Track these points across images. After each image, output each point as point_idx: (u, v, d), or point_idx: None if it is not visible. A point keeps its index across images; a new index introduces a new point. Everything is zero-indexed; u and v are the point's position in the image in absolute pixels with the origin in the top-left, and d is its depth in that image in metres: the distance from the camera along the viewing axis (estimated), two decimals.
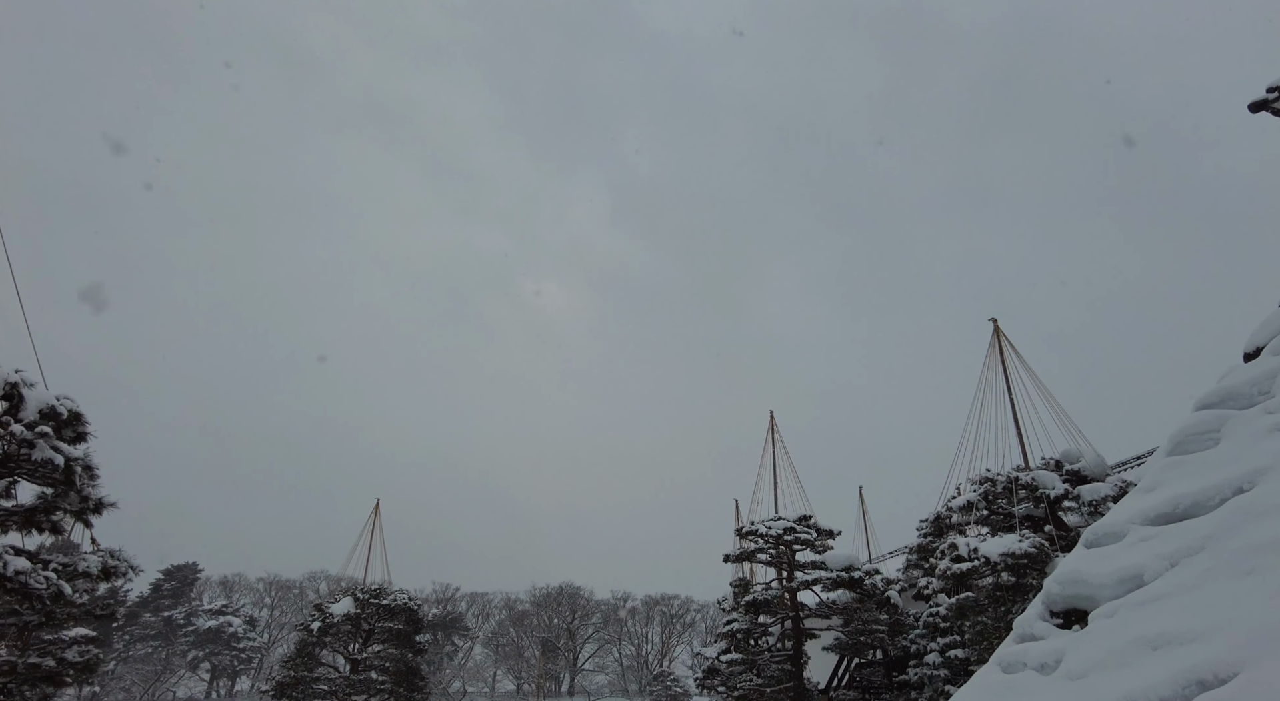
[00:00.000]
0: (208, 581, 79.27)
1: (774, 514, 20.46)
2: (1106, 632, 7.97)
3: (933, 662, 18.12)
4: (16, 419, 6.15)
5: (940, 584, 13.50)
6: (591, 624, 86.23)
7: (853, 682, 23.66)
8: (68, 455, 6.44)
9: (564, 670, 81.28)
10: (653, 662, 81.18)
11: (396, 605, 25.46)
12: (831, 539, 19.94)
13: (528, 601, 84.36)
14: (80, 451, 6.67)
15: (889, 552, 27.40)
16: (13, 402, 6.26)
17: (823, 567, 18.55)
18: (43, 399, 6.54)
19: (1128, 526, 8.72)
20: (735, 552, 19.98)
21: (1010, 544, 12.08)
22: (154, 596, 74.70)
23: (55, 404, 6.58)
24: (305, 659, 24.44)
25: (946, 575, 12.64)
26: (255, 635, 72.82)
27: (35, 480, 6.83)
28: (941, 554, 13.45)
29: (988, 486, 13.98)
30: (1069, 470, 13.64)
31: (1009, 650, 9.44)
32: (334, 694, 23.72)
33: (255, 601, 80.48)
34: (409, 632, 25.76)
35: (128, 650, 68.94)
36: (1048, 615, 9.41)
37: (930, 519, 16.46)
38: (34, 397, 6.50)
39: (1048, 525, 13.35)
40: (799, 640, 19.11)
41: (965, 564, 12.46)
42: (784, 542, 19.24)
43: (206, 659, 70.60)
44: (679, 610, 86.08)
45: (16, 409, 6.29)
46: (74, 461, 6.47)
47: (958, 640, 17.95)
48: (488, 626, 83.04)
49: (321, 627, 24.34)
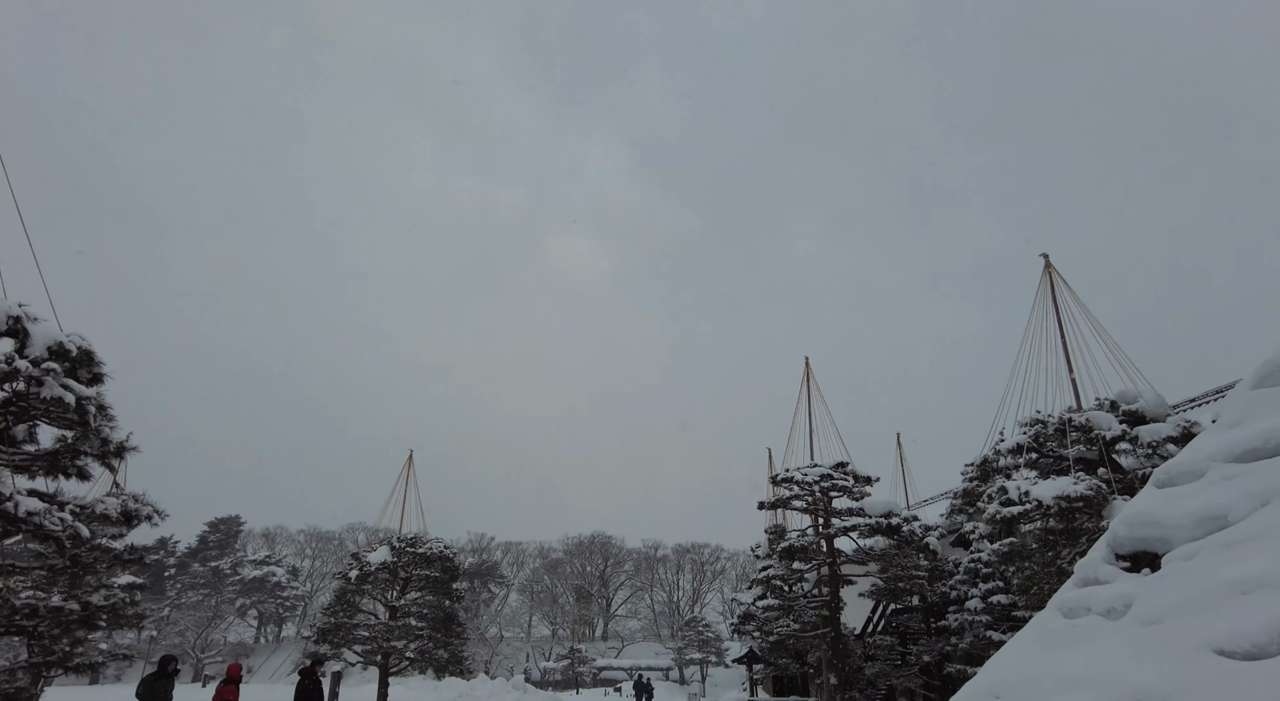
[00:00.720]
0: (250, 533, 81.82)
1: (810, 461, 20.09)
2: (1184, 576, 7.48)
3: (974, 608, 17.80)
4: (22, 355, 5.88)
5: (987, 528, 13.03)
6: (624, 571, 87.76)
7: (889, 628, 23.55)
8: (79, 393, 6.16)
9: (597, 616, 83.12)
10: (684, 609, 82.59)
11: (432, 553, 25.69)
12: (869, 485, 19.55)
13: (561, 550, 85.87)
14: (93, 392, 6.41)
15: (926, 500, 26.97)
16: (17, 338, 6.00)
17: (861, 514, 18.20)
18: (50, 335, 6.26)
19: (1207, 464, 8.13)
20: (770, 500, 19.69)
21: (1064, 486, 11.54)
22: (201, 547, 77.41)
23: (64, 340, 6.30)
24: (345, 606, 24.86)
25: (995, 519, 12.16)
26: (298, 584, 75.33)
27: (55, 423, 6.61)
28: (989, 498, 12.97)
29: (1038, 428, 13.36)
30: (1125, 410, 12.97)
31: (1071, 594, 9.00)
32: (373, 639, 24.16)
33: (297, 552, 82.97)
34: (445, 580, 26.05)
35: (180, 598, 71.78)
36: (1113, 558, 8.92)
37: (976, 462, 15.90)
38: (40, 333, 6.22)
39: (1102, 468, 12.75)
40: (835, 586, 18.89)
41: (1015, 507, 11.96)
42: (820, 489, 18.88)
43: (253, 606, 73.31)
44: (710, 558, 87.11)
45: (22, 345, 6.02)
46: (86, 400, 6.21)
47: (1000, 586, 17.58)
48: (522, 574, 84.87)
49: (359, 576, 24.68)
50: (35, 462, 6.69)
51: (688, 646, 62.13)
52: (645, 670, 62.28)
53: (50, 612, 8.02)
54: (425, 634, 24.98)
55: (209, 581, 72.37)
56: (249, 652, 70.27)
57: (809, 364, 20.82)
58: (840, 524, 18.65)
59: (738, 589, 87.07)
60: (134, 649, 70.35)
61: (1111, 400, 13.43)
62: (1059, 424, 13.11)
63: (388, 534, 27.57)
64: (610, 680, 59.93)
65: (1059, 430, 13.06)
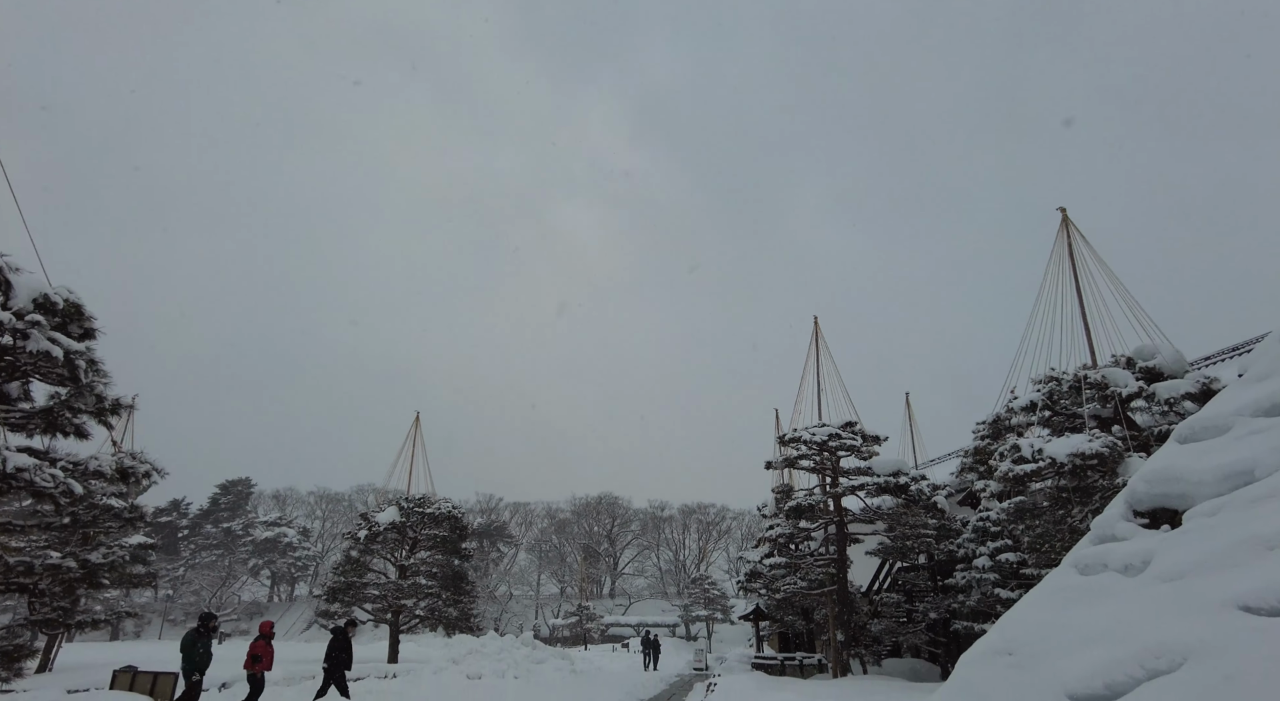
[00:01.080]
0: (261, 495, 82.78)
1: (818, 420, 19.94)
2: (1207, 532, 7.32)
3: (982, 566, 17.79)
4: (5, 307, 5.65)
5: (998, 486, 12.90)
6: (630, 531, 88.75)
7: (895, 586, 23.67)
8: (67, 347, 5.95)
9: (605, 574, 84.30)
10: (690, 567, 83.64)
11: (440, 513, 25.85)
12: (878, 444, 19.42)
13: (568, 510, 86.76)
14: (83, 346, 6.19)
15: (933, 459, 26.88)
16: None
17: (869, 473, 18.11)
18: (34, 286, 6.01)
19: (1233, 419, 7.90)
20: (777, 460, 19.61)
21: (1079, 443, 11.36)
22: (213, 509, 78.46)
23: (50, 293, 6.05)
24: (354, 566, 25.13)
25: (1007, 477, 12.01)
26: (309, 544, 76.43)
27: (47, 379, 6.43)
28: (1001, 456, 12.80)
29: (1052, 386, 13.12)
30: (1142, 367, 12.70)
31: (1086, 551, 8.87)
32: (384, 597, 24.45)
33: (307, 513, 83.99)
34: (454, 539, 26.26)
35: (194, 558, 72.97)
36: (1131, 515, 8.77)
37: (988, 420, 15.72)
38: (24, 284, 5.97)
39: (1116, 426, 12.54)
40: (843, 545, 18.91)
41: (1028, 465, 11.80)
42: (828, 448, 18.77)
43: (265, 566, 74.55)
44: (715, 518, 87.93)
45: (5, 295, 5.77)
46: (75, 354, 5.99)
47: (1009, 544, 17.53)
48: (530, 534, 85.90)
49: (368, 536, 24.88)
50: (32, 420, 6.53)
51: (694, 603, 63.02)
52: (652, 627, 63.30)
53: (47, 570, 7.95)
54: (435, 592, 25.27)
55: (222, 542, 73.51)
56: (263, 610, 71.64)
57: (818, 323, 20.56)
58: (848, 483, 18.57)
59: (743, 548, 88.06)
60: (151, 607, 71.81)
61: (1128, 357, 13.16)
62: (1074, 381, 12.87)
63: (396, 495, 27.69)
64: (617, 636, 60.97)
65: (1073, 387, 12.82)
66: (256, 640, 12.43)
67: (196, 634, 11.39)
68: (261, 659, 12.15)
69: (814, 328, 20.67)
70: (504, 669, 22.17)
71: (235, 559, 70.62)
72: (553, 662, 24.57)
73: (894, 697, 11.18)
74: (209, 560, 69.62)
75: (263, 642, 12.38)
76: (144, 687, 10.44)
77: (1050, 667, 8.00)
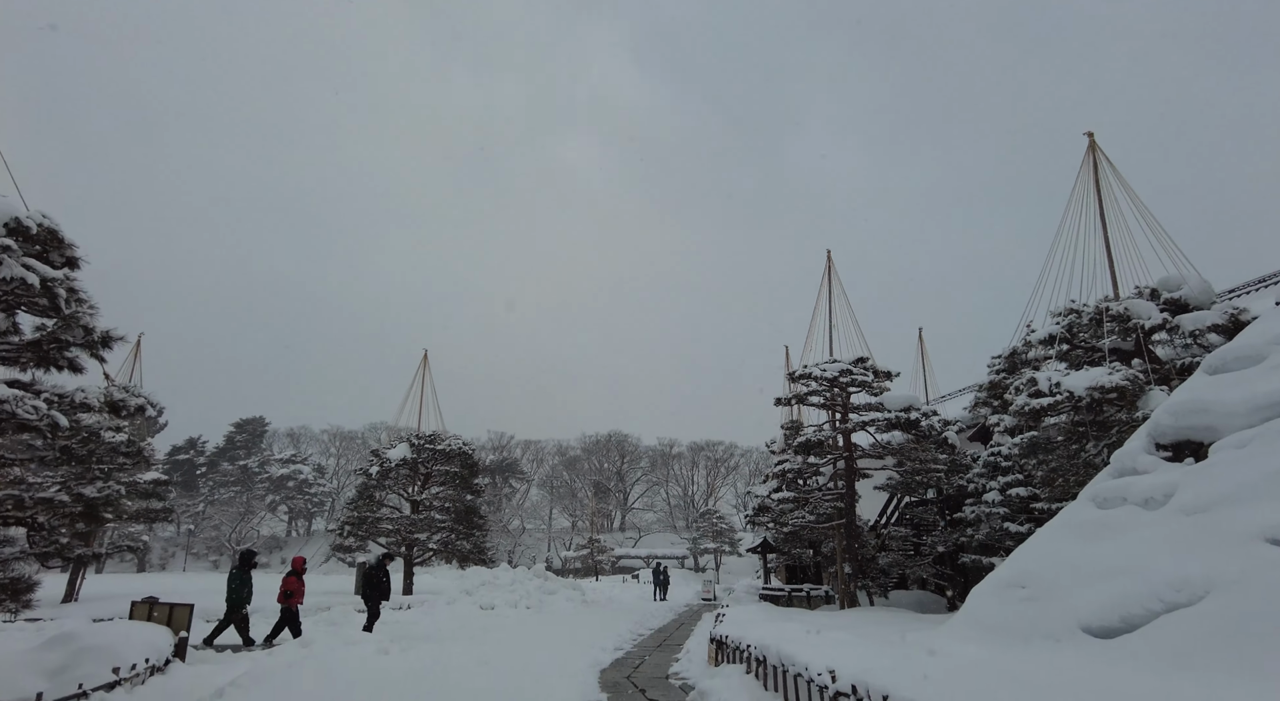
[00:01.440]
0: (275, 433, 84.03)
1: (829, 356, 19.68)
2: (1236, 464, 7.11)
3: (991, 501, 17.78)
4: None
5: (1012, 421, 12.70)
6: (640, 468, 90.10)
7: (902, 520, 23.85)
8: (43, 274, 5.70)
9: (615, 509, 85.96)
10: (699, 502, 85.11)
11: (451, 449, 26.05)
12: (889, 380, 19.20)
13: (578, 448, 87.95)
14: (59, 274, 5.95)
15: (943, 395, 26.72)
16: None
17: (880, 409, 17.95)
18: (5, 210, 5.73)
19: (1270, 348, 7.59)
20: (787, 396, 19.47)
21: (1098, 376, 11.06)
22: (229, 447, 79.83)
23: (22, 217, 5.78)
24: (367, 501, 25.49)
25: (1022, 411, 11.78)
26: (325, 481, 77.95)
27: (32, 311, 6.22)
28: (1016, 390, 12.55)
29: (1072, 318, 12.75)
30: (1167, 299, 12.29)
31: (1105, 485, 8.70)
32: (397, 531, 24.87)
33: (321, 451, 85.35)
34: (465, 475, 26.54)
35: (212, 495, 74.60)
36: (1153, 448, 8.55)
37: (1004, 354, 15.40)
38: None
39: (1137, 359, 12.24)
40: (851, 480, 18.91)
41: (1044, 399, 11.54)
42: (839, 384, 18.57)
43: (283, 502, 76.26)
44: (724, 455, 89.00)
45: None
46: (52, 282, 5.76)
47: (1020, 479, 17.48)
48: (542, 470, 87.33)
49: (380, 472, 25.15)
50: (23, 355, 6.36)
51: (702, 536, 64.34)
52: (661, 559, 64.79)
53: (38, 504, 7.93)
54: (448, 526, 25.68)
55: (239, 479, 75.04)
56: (282, 545, 73.61)
57: (830, 257, 20.09)
58: (858, 419, 18.44)
59: (751, 484, 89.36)
60: (175, 541, 73.76)
61: (1152, 288, 12.74)
62: (1094, 313, 12.49)
63: (408, 432, 27.85)
64: (628, 568, 62.48)
65: (1094, 320, 12.46)
66: (289, 575, 12.78)
67: (240, 570, 12.11)
68: (294, 594, 12.51)
69: (827, 262, 20.22)
70: (516, 599, 22.66)
71: (253, 495, 72.21)
72: (564, 593, 25.10)
73: (902, 627, 11.25)
74: (227, 497, 71.21)
75: (294, 578, 12.72)
76: (161, 618, 10.61)
77: (1064, 601, 7.93)
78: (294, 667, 8.58)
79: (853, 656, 6.33)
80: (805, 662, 6.41)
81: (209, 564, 68.52)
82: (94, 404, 6.57)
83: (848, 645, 7.17)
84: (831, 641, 7.46)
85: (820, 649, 6.77)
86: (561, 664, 10.10)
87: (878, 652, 6.81)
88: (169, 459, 77.69)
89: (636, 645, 13.54)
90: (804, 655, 6.63)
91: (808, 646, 6.95)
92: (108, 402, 7.04)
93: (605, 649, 12.12)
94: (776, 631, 8.42)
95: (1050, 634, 7.53)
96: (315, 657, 9.40)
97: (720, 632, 9.47)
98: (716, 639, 9.53)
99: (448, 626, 16.31)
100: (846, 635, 8.44)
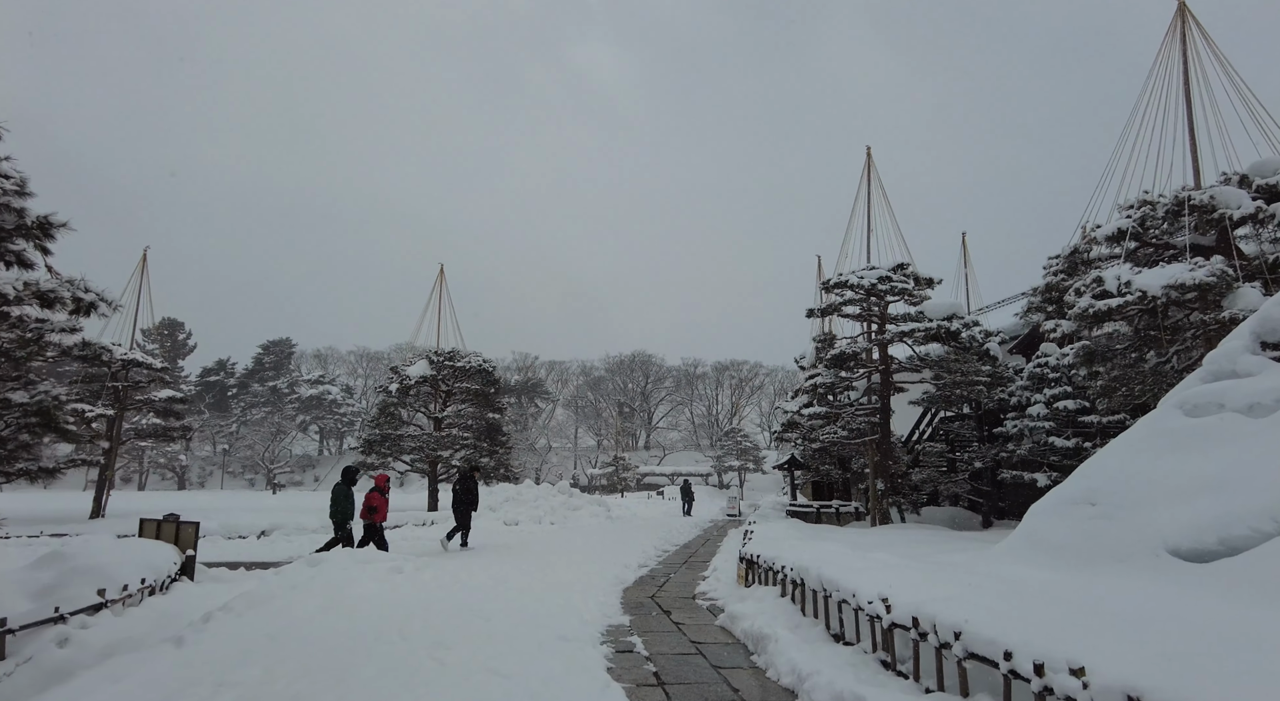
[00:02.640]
0: (303, 355, 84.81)
1: (866, 263, 18.45)
2: None
3: (1036, 414, 16.83)
4: None
5: (1072, 326, 11.56)
6: (664, 388, 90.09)
7: (935, 435, 23.06)
8: None
9: (640, 428, 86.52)
10: (723, 421, 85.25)
11: (471, 367, 25.49)
12: (930, 288, 18.02)
13: (602, 368, 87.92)
14: None
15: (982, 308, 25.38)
16: None
17: (920, 318, 16.83)
18: None
19: None
20: (820, 306, 18.39)
21: (1177, 273, 9.85)
22: (257, 369, 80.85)
23: None
24: (388, 419, 25.19)
25: (1085, 314, 10.61)
26: (353, 401, 78.96)
27: None
28: (1078, 291, 11.35)
29: (1145, 210, 11.40)
30: (1261, 185, 10.86)
31: (1196, 390, 7.66)
32: (420, 448, 24.62)
33: (349, 372, 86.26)
34: (487, 392, 26.07)
35: (245, 415, 76.02)
36: (1259, 347, 7.42)
37: (1064, 253, 14.06)
38: None
39: (1218, 255, 10.93)
40: (887, 393, 18.02)
41: (1112, 300, 10.36)
42: (876, 293, 17.42)
43: (314, 422, 77.62)
44: (749, 374, 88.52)
45: None
46: None
47: (1068, 391, 16.46)
48: (567, 391, 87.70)
49: (400, 389, 24.73)
50: None
51: (727, 455, 64.48)
52: (686, 476, 65.30)
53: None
54: (471, 443, 25.40)
55: (269, 400, 76.23)
56: (314, 463, 75.34)
57: (870, 155, 18.49)
58: (895, 330, 17.36)
59: (775, 403, 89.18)
60: (212, 460, 75.76)
61: (1241, 174, 11.28)
62: (1171, 204, 11.12)
63: (426, 350, 27.29)
64: (652, 485, 63.07)
65: (1171, 212, 11.11)
66: (372, 491, 12.96)
67: (345, 486, 12.47)
68: (378, 509, 12.71)
69: (866, 159, 18.66)
70: (541, 515, 22.47)
71: (283, 415, 73.42)
72: (589, 510, 24.92)
73: (945, 544, 10.56)
74: (259, 417, 72.47)
75: (378, 494, 12.92)
76: (168, 536, 10.20)
77: (1145, 519, 7.03)
78: (296, 590, 8.08)
79: (905, 582, 5.55)
80: (851, 588, 5.65)
81: (245, 482, 70.50)
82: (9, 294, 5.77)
83: (896, 568, 6.38)
84: (878, 563, 6.68)
85: (868, 573, 6.00)
86: (584, 582, 9.56)
87: (932, 577, 6.01)
88: (200, 380, 79.06)
89: (661, 562, 13.06)
90: (848, 579, 5.87)
91: (852, 569, 6.18)
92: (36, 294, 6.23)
93: (629, 566, 11.60)
94: (814, 552, 7.71)
95: (1126, 556, 6.70)
96: (321, 577, 8.92)
97: (751, 551, 8.79)
98: (747, 558, 8.87)
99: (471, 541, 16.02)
100: (890, 555, 7.68)
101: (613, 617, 7.50)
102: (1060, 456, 16.31)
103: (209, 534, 16.83)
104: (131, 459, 64.51)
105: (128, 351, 18.79)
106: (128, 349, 18.86)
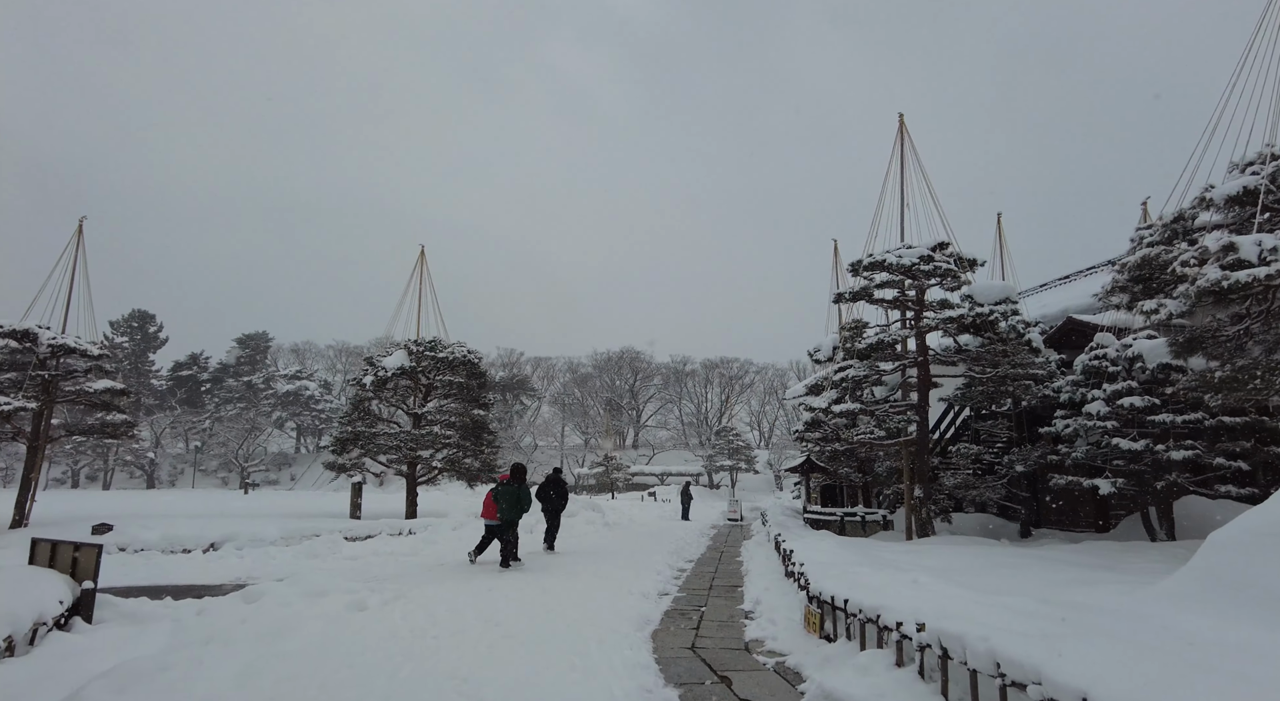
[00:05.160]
0: (280, 349, 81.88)
1: (900, 242, 16.45)
2: None
3: (1096, 412, 14.83)
4: None
5: (1179, 306, 9.56)
6: (653, 385, 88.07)
7: (961, 435, 21.11)
8: None
9: (628, 426, 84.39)
10: (713, 420, 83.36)
11: (455, 358, 23.22)
12: (971, 271, 16.04)
13: (590, 365, 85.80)
14: None
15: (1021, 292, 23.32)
16: None
17: (968, 301, 14.81)
18: None
19: None
20: (849, 291, 16.33)
21: None
22: (232, 363, 77.75)
23: None
24: (362, 414, 22.86)
25: (1214, 289, 8.62)
26: (331, 397, 76.10)
27: None
28: (1192, 262, 9.40)
29: (1277, 166, 9.44)
30: None
31: None
32: (397, 448, 22.31)
33: (327, 366, 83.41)
34: (471, 386, 23.81)
35: (218, 410, 72.94)
36: None
37: (1162, 221, 12.05)
38: None
39: None
40: (925, 388, 16.00)
41: (1253, 270, 8.37)
42: (915, 274, 15.39)
43: (290, 419, 74.67)
44: (738, 372, 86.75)
45: None
46: None
47: (1133, 387, 14.49)
48: (553, 388, 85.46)
49: (375, 382, 22.39)
50: None
51: (718, 454, 62.56)
52: (676, 475, 63.28)
53: None
54: (453, 442, 23.14)
55: (244, 395, 73.26)
56: (291, 462, 72.46)
57: (903, 121, 16.48)
58: (936, 316, 15.35)
59: (765, 401, 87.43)
60: (184, 457, 72.59)
61: None
62: None
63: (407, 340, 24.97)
64: (642, 485, 60.98)
65: None
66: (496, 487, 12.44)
67: (514, 484, 12.09)
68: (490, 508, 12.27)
69: (899, 126, 16.63)
70: (532, 524, 20.30)
71: (259, 411, 70.52)
72: (584, 515, 22.75)
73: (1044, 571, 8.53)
74: (233, 413, 69.53)
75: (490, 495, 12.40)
76: (65, 563, 7.91)
77: None
78: (210, 645, 5.87)
79: (1099, 658, 3.52)
80: (1048, 674, 3.57)
81: (218, 480, 67.53)
82: None
83: (1087, 636, 4.29)
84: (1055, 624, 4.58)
85: (1059, 643, 3.92)
86: (598, 621, 7.42)
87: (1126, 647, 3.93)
88: (172, 375, 75.92)
89: (682, 586, 10.94)
90: (1030, 653, 3.79)
91: (1032, 639, 4.08)
92: None
93: (647, 595, 9.46)
94: (934, 596, 5.61)
95: None
96: (254, 621, 6.71)
97: (822, 591, 6.67)
98: (818, 598, 6.75)
99: (451, 557, 13.83)
100: (1018, 601, 5.60)
101: (652, 689, 5.35)
102: (1127, 460, 14.36)
103: (148, 547, 14.51)
104: (96, 457, 61.46)
105: (58, 336, 16.37)
106: (58, 332, 16.44)
